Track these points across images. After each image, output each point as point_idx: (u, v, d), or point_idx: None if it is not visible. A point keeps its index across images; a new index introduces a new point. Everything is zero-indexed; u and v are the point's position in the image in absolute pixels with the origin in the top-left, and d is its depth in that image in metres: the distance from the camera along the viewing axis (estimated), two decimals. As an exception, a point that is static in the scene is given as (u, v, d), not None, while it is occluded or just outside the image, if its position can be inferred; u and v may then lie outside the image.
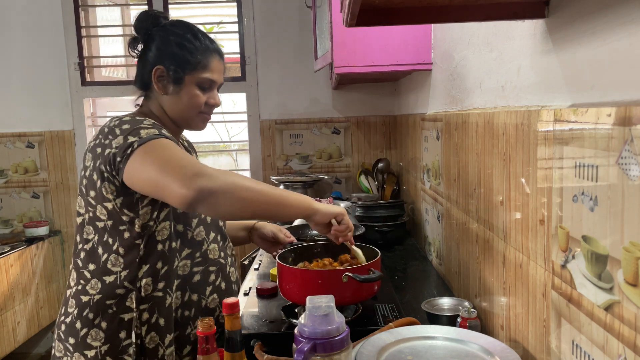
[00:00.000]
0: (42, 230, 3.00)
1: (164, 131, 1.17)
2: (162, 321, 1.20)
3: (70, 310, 1.21)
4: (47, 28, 3.04)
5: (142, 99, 1.32)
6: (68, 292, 1.24)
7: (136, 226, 1.18)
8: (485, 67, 1.28)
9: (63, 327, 1.21)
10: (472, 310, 1.16)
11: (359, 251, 1.29)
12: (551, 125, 0.87)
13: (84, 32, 3.08)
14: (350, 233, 1.25)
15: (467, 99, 1.45)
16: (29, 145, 3.13)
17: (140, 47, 1.29)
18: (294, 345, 0.85)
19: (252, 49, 3.04)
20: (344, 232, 1.23)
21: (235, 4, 3.05)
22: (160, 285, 1.20)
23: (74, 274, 1.23)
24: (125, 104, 3.31)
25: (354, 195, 2.75)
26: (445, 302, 1.35)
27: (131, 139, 1.11)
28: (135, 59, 1.31)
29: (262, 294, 1.43)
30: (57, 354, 1.22)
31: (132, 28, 1.29)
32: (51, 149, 3.13)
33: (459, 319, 1.16)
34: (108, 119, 1.24)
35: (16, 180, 3.15)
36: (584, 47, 0.79)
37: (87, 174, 1.19)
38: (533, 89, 0.99)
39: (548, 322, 0.92)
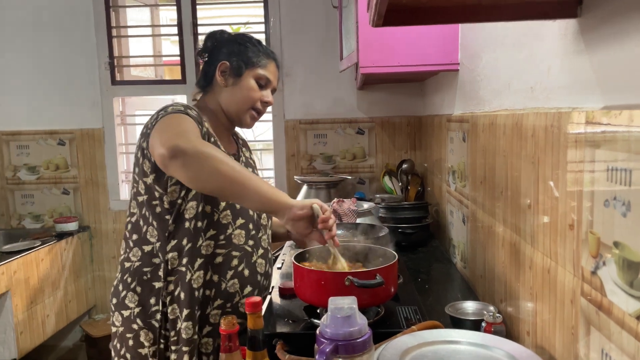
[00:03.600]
0: (72, 226, 3.07)
1: (191, 111, 1.27)
2: (182, 295, 1.28)
3: (117, 275, 1.37)
4: (79, 28, 3.11)
5: (199, 95, 1.46)
6: (119, 259, 1.39)
7: (165, 202, 1.29)
8: (514, 68, 1.26)
9: (112, 288, 1.38)
10: (498, 315, 1.14)
11: (340, 257, 1.26)
12: (582, 128, 0.85)
13: (114, 32, 3.14)
14: (334, 229, 1.21)
15: (495, 100, 1.42)
16: (60, 142, 3.20)
17: (207, 54, 1.44)
18: (315, 346, 0.85)
19: (278, 49, 3.05)
20: (328, 222, 1.18)
21: (262, 4, 3.07)
22: (184, 261, 1.29)
23: (123, 244, 1.38)
24: (153, 103, 3.36)
25: (378, 196, 2.74)
26: (470, 306, 1.33)
27: (160, 114, 1.26)
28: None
29: (284, 293, 1.43)
30: (110, 312, 1.38)
31: (203, 40, 1.46)
32: (81, 147, 3.20)
33: (483, 324, 1.14)
34: (137, 117, 1.34)
35: (48, 176, 3.23)
36: (618, 48, 0.77)
37: (135, 152, 1.33)
38: (564, 90, 0.96)
39: (576, 329, 0.90)
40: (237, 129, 1.54)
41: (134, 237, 1.34)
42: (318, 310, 1.27)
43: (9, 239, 3.03)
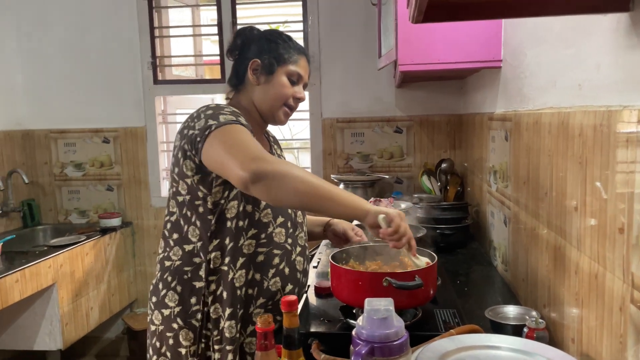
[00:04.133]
0: (115, 222, 3.16)
1: (241, 119, 1.28)
2: (225, 294, 1.29)
3: (157, 273, 1.38)
4: (123, 29, 3.19)
5: (232, 94, 1.47)
6: (158, 258, 1.40)
7: (208, 203, 1.29)
8: (560, 65, 1.21)
9: (151, 287, 1.40)
10: (540, 320, 1.10)
11: (419, 263, 1.21)
12: (634, 127, 0.81)
13: (156, 32, 3.21)
14: (405, 239, 1.17)
15: (539, 98, 1.38)
16: (104, 140, 3.30)
17: (237, 52, 1.44)
18: (351, 347, 0.84)
19: (316, 47, 3.05)
20: (393, 236, 1.16)
21: (300, 3, 3.07)
22: (226, 260, 1.30)
23: (162, 243, 1.39)
24: (193, 102, 3.42)
25: (416, 195, 2.70)
26: (511, 311, 1.29)
27: (211, 122, 1.24)
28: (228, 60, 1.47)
29: (320, 292, 1.43)
30: (148, 310, 1.41)
31: (232, 38, 1.46)
32: (125, 145, 3.29)
33: (525, 329, 1.10)
34: (177, 116, 1.34)
35: (93, 173, 3.34)
36: (676, 42, 0.72)
37: (174, 152, 1.34)
38: (614, 87, 0.92)
39: (625, 337, 0.86)
40: (269, 126, 1.54)
41: (175, 236, 1.34)
42: (354, 311, 1.26)
43: (56, 233, 3.16)
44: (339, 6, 3.02)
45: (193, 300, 1.31)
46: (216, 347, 1.30)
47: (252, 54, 1.40)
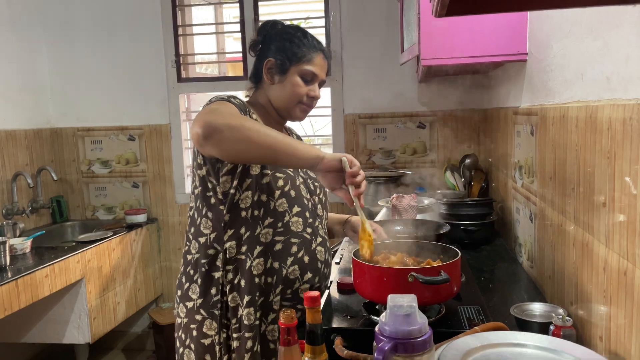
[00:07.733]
0: (141, 218, 3.21)
1: (233, 99, 1.31)
2: (242, 282, 1.32)
3: (181, 268, 1.42)
4: (148, 28, 3.24)
5: (252, 91, 1.47)
6: (183, 252, 1.43)
7: (218, 193, 1.31)
8: (587, 57, 1.18)
9: (177, 281, 1.43)
10: (567, 318, 1.08)
11: (366, 221, 1.28)
12: (666, 120, 0.78)
13: (180, 30, 3.25)
14: (363, 181, 1.21)
15: (566, 91, 1.35)
16: (130, 138, 3.36)
17: (259, 48, 1.45)
18: (374, 344, 0.84)
19: (338, 43, 3.05)
20: (355, 177, 1.19)
21: (322, -2, 3.07)
22: (243, 249, 1.32)
23: (185, 237, 1.43)
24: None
25: (439, 191, 2.67)
26: (537, 308, 1.27)
27: (205, 105, 1.28)
28: (253, 57, 1.48)
29: (342, 288, 1.43)
30: (175, 304, 1.44)
31: (255, 34, 1.47)
32: (149, 142, 3.34)
33: (551, 327, 1.09)
34: None
35: (119, 170, 3.40)
36: None
37: (193, 147, 1.37)
38: (645, 79, 0.90)
39: (656, 337, 0.84)
40: (291, 123, 1.55)
41: (192, 230, 1.39)
42: (377, 307, 1.26)
43: (84, 229, 3.23)
44: (361, 1, 3.00)
45: (213, 290, 1.34)
46: (235, 335, 1.33)
47: (269, 53, 1.40)
